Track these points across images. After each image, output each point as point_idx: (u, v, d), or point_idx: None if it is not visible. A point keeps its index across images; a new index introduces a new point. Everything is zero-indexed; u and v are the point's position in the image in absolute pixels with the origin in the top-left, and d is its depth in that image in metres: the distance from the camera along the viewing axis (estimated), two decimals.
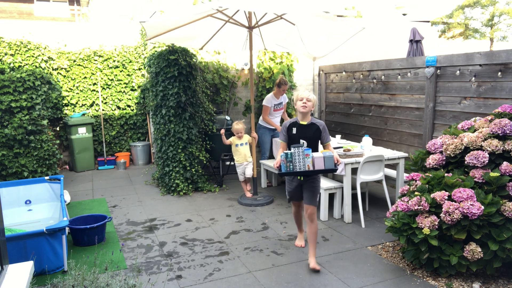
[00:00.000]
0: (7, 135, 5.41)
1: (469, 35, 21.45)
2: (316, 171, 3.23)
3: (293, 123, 3.42)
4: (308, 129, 3.38)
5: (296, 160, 3.17)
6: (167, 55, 5.56)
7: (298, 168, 3.18)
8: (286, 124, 3.44)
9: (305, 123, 3.37)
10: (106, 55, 7.52)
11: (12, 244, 3.12)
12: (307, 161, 3.17)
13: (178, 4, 6.86)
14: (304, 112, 3.32)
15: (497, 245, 2.92)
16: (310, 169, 3.19)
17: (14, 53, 6.59)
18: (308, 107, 3.32)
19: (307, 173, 3.26)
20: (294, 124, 3.41)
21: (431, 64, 4.96)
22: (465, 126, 3.68)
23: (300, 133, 3.37)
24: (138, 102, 7.83)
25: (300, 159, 3.18)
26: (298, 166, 3.18)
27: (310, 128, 3.38)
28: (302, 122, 3.38)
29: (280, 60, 7.16)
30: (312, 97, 3.34)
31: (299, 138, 3.36)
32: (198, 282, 3.23)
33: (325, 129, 3.42)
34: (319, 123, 3.41)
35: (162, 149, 5.82)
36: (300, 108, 3.32)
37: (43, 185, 4.61)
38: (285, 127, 3.43)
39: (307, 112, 3.34)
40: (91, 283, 2.63)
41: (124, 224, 4.56)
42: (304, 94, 3.32)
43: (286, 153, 3.19)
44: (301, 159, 3.18)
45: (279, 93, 5.95)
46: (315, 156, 3.19)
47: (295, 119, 3.43)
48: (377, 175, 4.58)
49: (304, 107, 3.30)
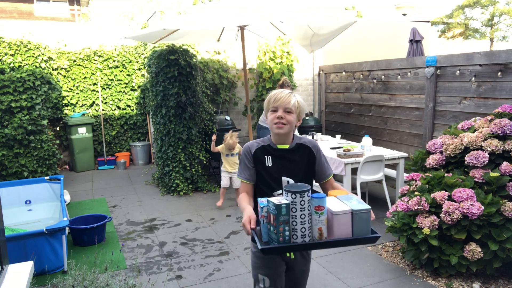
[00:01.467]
0: (7, 135, 5.41)
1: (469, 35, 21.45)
2: (334, 243, 1.61)
3: (264, 148, 1.95)
4: (293, 156, 1.93)
5: (297, 221, 1.55)
6: (167, 55, 5.56)
7: (300, 236, 1.56)
8: (251, 148, 1.97)
9: (286, 147, 1.93)
10: (106, 55, 7.52)
11: (12, 244, 3.12)
12: (318, 221, 1.58)
13: (178, 4, 6.86)
14: (281, 133, 1.88)
15: (497, 245, 2.92)
16: (324, 239, 1.59)
17: (14, 53, 6.59)
18: (287, 127, 1.87)
19: (315, 247, 1.63)
20: (266, 150, 1.94)
21: (431, 64, 4.96)
22: (465, 126, 3.68)
23: (280, 166, 1.92)
24: (138, 102, 7.83)
25: (305, 217, 1.56)
26: (299, 232, 1.56)
27: (296, 155, 1.94)
28: (280, 146, 1.93)
29: (280, 60, 7.16)
30: (295, 104, 1.88)
31: (278, 174, 1.91)
32: (198, 282, 3.23)
33: (321, 151, 2.01)
34: (309, 143, 1.99)
35: (162, 149, 5.82)
36: (273, 127, 1.89)
37: (43, 185, 4.61)
38: (249, 154, 1.96)
39: (286, 133, 1.89)
40: (91, 283, 2.63)
41: (124, 224, 4.56)
42: (281, 100, 1.86)
43: (274, 204, 1.54)
44: (305, 217, 1.56)
45: None
46: (333, 210, 1.57)
47: (266, 141, 1.98)
48: (377, 175, 4.58)
49: (280, 126, 1.86)
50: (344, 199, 1.68)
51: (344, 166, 4.41)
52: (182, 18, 4.97)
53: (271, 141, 1.96)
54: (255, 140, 2.01)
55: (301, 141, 1.99)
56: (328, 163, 2.06)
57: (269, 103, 1.91)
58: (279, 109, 1.86)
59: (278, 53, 7.16)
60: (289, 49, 7.20)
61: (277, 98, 1.87)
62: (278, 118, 1.86)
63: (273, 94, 1.91)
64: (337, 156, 4.54)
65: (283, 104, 1.85)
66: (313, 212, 1.57)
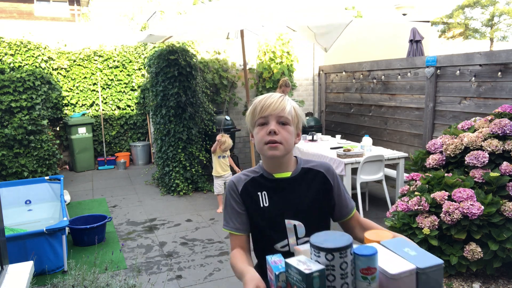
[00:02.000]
0: (7, 135, 5.41)
1: (469, 35, 21.45)
2: None
3: (256, 181, 1.42)
4: (298, 187, 1.40)
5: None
6: (167, 55, 5.56)
7: None
8: (237, 184, 1.43)
9: (288, 175, 1.41)
10: (106, 55, 7.52)
11: (12, 244, 3.12)
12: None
13: (178, 4, 6.86)
14: (277, 155, 1.34)
15: (497, 245, 2.92)
16: None
17: (14, 53, 6.59)
18: (283, 146, 1.34)
19: None
20: (258, 184, 1.42)
21: (431, 64, 4.96)
22: (465, 126, 3.68)
23: (281, 203, 1.39)
24: (138, 102, 7.83)
25: (348, 286, 0.99)
26: None
27: (302, 185, 1.41)
28: (278, 175, 1.41)
29: (280, 60, 7.16)
30: (292, 112, 1.36)
31: (279, 217, 1.38)
32: (198, 282, 3.23)
33: (337, 176, 1.47)
34: (320, 166, 1.45)
35: (162, 149, 5.82)
36: (264, 149, 1.34)
37: (43, 185, 4.61)
38: (236, 192, 1.42)
39: (284, 154, 1.36)
40: (91, 283, 2.63)
41: (124, 224, 4.56)
42: (271, 107, 1.33)
43: (300, 273, 0.96)
44: (348, 286, 0.99)
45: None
46: (389, 272, 0.96)
47: (258, 170, 1.45)
48: (377, 175, 4.58)
49: (274, 145, 1.32)
50: (393, 245, 1.07)
51: (344, 166, 4.41)
52: (182, 18, 4.97)
53: (264, 170, 1.40)
54: (242, 172, 1.46)
55: (309, 164, 1.42)
56: (348, 192, 1.45)
57: (254, 114, 1.34)
58: (270, 121, 1.31)
59: (278, 53, 7.16)
60: (289, 49, 7.20)
61: (266, 105, 1.31)
62: (270, 134, 1.29)
63: (259, 101, 1.34)
64: (337, 156, 4.54)
65: (276, 113, 1.30)
66: (359, 277, 0.99)
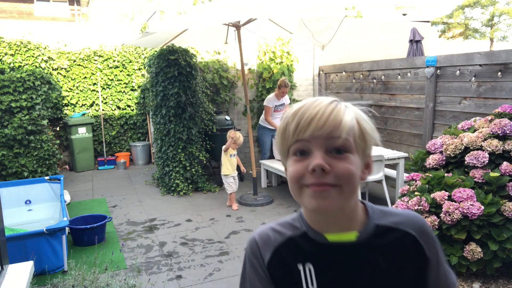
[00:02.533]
0: (7, 135, 5.41)
1: (469, 35, 21.44)
2: None
3: (296, 244, 0.83)
4: (367, 260, 0.80)
5: None
6: (167, 55, 5.56)
7: None
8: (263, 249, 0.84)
9: (352, 237, 0.80)
10: (106, 55, 7.52)
11: (12, 244, 3.12)
12: None
13: (178, 4, 6.86)
14: (328, 208, 0.75)
15: (497, 245, 2.92)
16: None
17: (14, 53, 6.59)
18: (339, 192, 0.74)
19: None
20: (299, 249, 0.82)
21: (431, 64, 4.96)
22: (465, 126, 3.68)
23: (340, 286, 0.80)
24: (138, 102, 7.83)
25: None
26: None
27: (375, 255, 0.80)
28: (334, 237, 0.81)
29: (280, 60, 7.16)
30: (353, 127, 0.77)
31: None
32: (198, 282, 3.23)
33: (434, 238, 0.85)
34: (407, 222, 0.84)
35: (162, 149, 5.82)
36: (305, 197, 0.76)
37: (43, 185, 4.61)
38: (260, 261, 0.84)
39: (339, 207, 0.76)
40: (91, 283, 2.63)
41: (124, 224, 4.56)
42: (316, 123, 0.74)
43: None
44: None
45: (280, 94, 5.94)
46: None
47: (297, 223, 0.85)
48: (377, 175, 4.58)
49: (321, 190, 0.73)
50: None
51: None
52: (182, 18, 4.97)
53: (308, 226, 0.84)
54: (270, 226, 0.88)
55: (388, 218, 0.85)
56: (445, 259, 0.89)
57: (285, 134, 0.79)
58: (313, 149, 0.76)
59: (278, 53, 7.15)
60: (289, 49, 7.20)
61: (305, 121, 0.76)
62: (313, 172, 0.74)
63: (293, 112, 0.78)
64: None
65: (324, 133, 0.75)
66: None
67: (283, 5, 4.36)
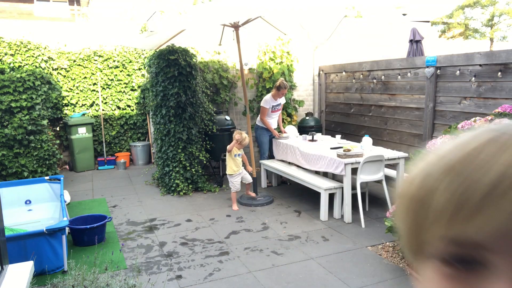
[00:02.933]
0: (7, 135, 5.41)
1: (469, 35, 21.45)
2: None
3: None
4: None
5: None
6: (167, 55, 5.57)
7: None
8: None
9: None
10: (106, 55, 7.52)
11: (12, 244, 3.12)
12: None
13: (178, 4, 6.86)
14: None
15: None
16: None
17: (14, 53, 6.60)
18: None
19: None
20: None
21: (431, 64, 4.96)
22: (465, 126, 3.67)
23: None
24: (138, 102, 7.83)
25: None
26: None
27: None
28: None
29: (280, 60, 7.16)
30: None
31: None
32: (198, 282, 3.23)
33: None
34: None
35: (162, 149, 5.82)
36: None
37: (43, 185, 4.61)
38: None
39: None
40: (91, 283, 2.63)
41: (124, 224, 4.56)
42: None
43: None
44: None
45: (278, 95, 5.91)
46: None
47: None
48: (377, 175, 4.58)
49: None
50: None
51: (344, 166, 4.41)
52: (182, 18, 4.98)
53: None
54: None
55: None
56: None
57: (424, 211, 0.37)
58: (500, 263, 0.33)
59: (278, 53, 7.15)
60: (289, 49, 7.19)
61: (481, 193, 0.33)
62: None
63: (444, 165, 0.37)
64: (337, 156, 4.54)
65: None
66: None
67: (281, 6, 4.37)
